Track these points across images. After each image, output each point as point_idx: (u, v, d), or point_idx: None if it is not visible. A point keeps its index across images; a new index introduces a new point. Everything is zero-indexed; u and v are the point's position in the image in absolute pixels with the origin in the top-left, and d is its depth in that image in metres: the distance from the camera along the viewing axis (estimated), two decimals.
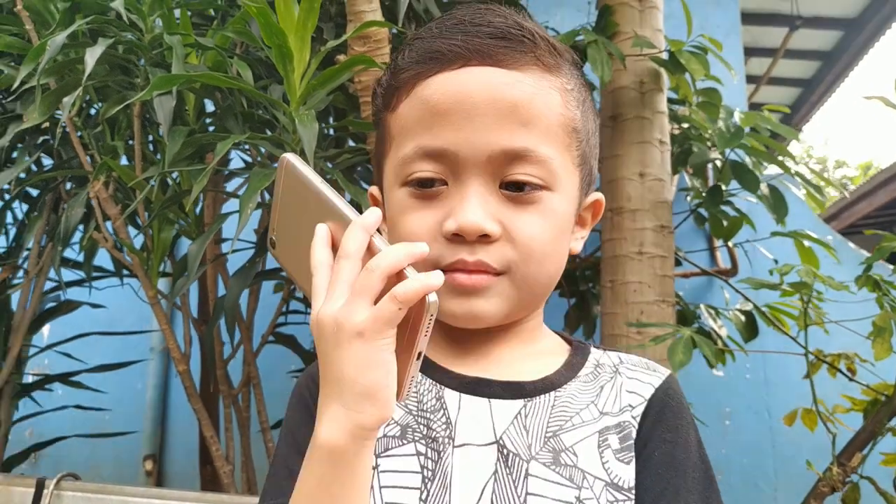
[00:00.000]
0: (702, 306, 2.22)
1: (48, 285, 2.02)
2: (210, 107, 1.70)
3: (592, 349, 0.74)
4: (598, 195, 0.76)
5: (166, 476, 3.03)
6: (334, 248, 0.57)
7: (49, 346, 2.12)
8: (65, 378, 2.09)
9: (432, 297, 0.51)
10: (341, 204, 0.57)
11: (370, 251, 0.54)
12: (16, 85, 1.31)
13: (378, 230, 0.56)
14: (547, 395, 0.67)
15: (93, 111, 1.74)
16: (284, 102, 1.36)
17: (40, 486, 1.39)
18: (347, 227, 0.55)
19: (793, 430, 1.81)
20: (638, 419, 0.67)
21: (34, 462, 2.96)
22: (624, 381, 0.70)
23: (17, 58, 1.58)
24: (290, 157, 0.61)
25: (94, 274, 1.96)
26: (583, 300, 2.35)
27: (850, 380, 1.69)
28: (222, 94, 1.55)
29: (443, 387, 0.68)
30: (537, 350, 0.73)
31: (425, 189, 0.66)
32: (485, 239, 0.63)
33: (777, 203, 2.01)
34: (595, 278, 2.27)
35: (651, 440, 0.66)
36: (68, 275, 2.03)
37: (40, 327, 2.05)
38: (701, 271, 2.61)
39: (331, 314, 0.53)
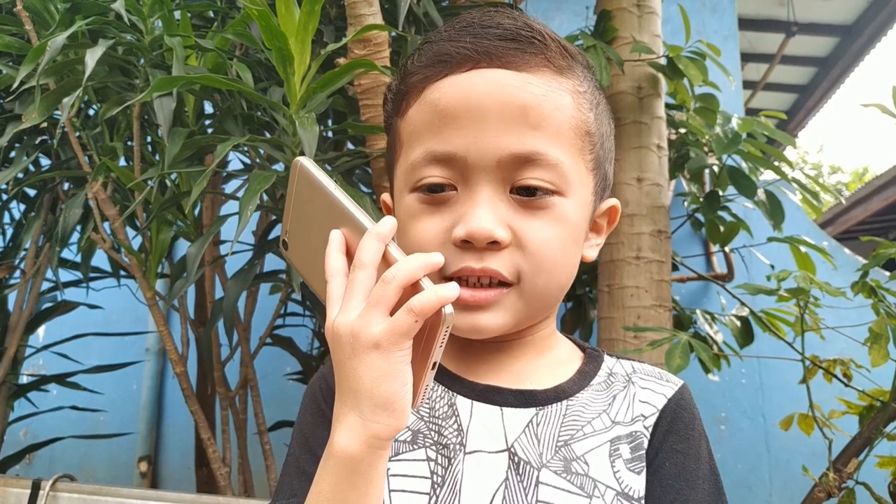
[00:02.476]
0: (698, 311, 2.23)
1: (45, 286, 2.01)
2: (210, 108, 1.70)
3: (606, 357, 0.74)
4: (614, 201, 0.74)
5: (161, 478, 3.02)
6: (348, 254, 0.57)
7: (45, 347, 2.12)
8: (60, 379, 2.09)
9: (448, 310, 0.52)
10: (356, 210, 0.57)
11: (385, 261, 0.54)
12: (15, 85, 1.31)
13: (393, 238, 0.56)
14: (559, 403, 0.67)
15: (92, 112, 1.74)
16: (284, 105, 1.36)
17: (36, 488, 1.38)
18: (362, 234, 0.55)
19: (788, 435, 1.82)
20: (650, 429, 0.67)
21: (28, 463, 2.95)
22: (637, 391, 0.69)
23: (17, 58, 1.58)
24: (304, 161, 0.61)
25: (92, 275, 1.96)
26: (580, 304, 2.35)
27: (846, 385, 1.69)
28: (222, 95, 1.55)
29: (455, 394, 0.68)
30: (550, 359, 0.72)
31: (434, 194, 0.65)
32: (494, 246, 0.62)
33: (774, 209, 2.02)
34: (592, 282, 2.27)
35: (662, 450, 0.66)
36: (65, 275, 2.03)
37: (37, 328, 2.05)
38: (697, 276, 2.61)
39: (347, 324, 0.53)
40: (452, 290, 0.52)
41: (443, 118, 0.64)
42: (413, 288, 0.52)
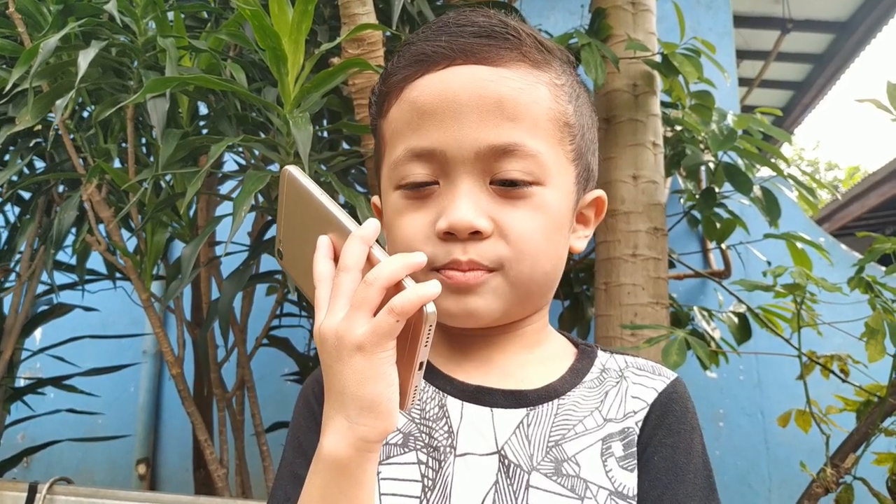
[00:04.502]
0: (695, 308, 2.23)
1: (41, 288, 2.01)
2: (204, 109, 1.69)
3: (599, 353, 0.73)
4: (600, 192, 0.75)
5: (159, 480, 3.02)
6: (337, 258, 0.57)
7: (41, 350, 2.11)
8: (57, 381, 2.08)
9: (430, 308, 0.52)
10: (341, 215, 0.58)
11: (370, 262, 0.55)
12: (8, 87, 1.31)
13: (378, 240, 0.56)
14: (550, 403, 0.67)
15: (86, 114, 1.73)
16: (278, 105, 1.36)
17: (33, 491, 1.38)
18: (347, 238, 0.55)
19: (786, 431, 1.82)
20: (640, 424, 0.66)
21: (26, 466, 2.95)
22: (629, 386, 0.69)
23: (10, 60, 1.57)
24: (292, 170, 0.62)
25: (87, 277, 1.95)
26: (577, 302, 2.35)
27: (843, 381, 1.69)
28: (216, 96, 1.55)
29: (445, 395, 0.68)
30: (541, 355, 0.72)
31: (417, 190, 0.66)
32: (476, 236, 0.63)
33: (770, 205, 2.02)
34: (589, 280, 2.27)
35: (651, 444, 0.65)
36: (61, 278, 2.02)
37: (33, 330, 2.04)
38: (694, 273, 2.61)
39: (332, 327, 0.53)
40: (433, 287, 0.52)
41: (421, 115, 0.65)
42: (396, 288, 0.52)
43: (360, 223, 0.57)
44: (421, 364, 0.53)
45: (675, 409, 0.68)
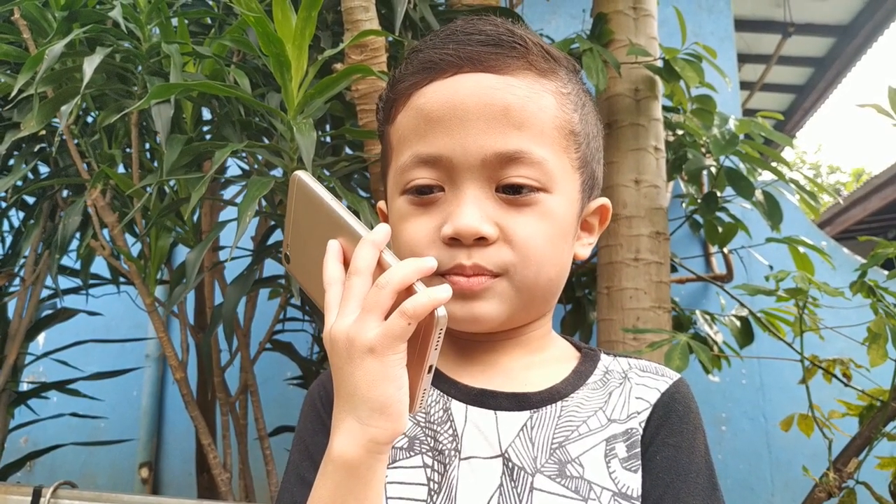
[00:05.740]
0: (697, 312, 2.23)
1: (45, 293, 2.01)
2: (207, 115, 1.70)
3: (602, 356, 0.74)
4: (604, 200, 0.76)
5: (162, 484, 3.02)
6: (346, 263, 0.58)
7: (45, 354, 2.12)
8: (60, 386, 2.09)
9: (441, 312, 0.52)
10: (352, 220, 0.58)
11: (380, 266, 0.55)
12: (13, 93, 1.31)
13: (388, 245, 0.56)
14: (553, 405, 0.67)
15: (90, 119, 1.74)
16: (282, 111, 1.36)
17: (37, 495, 1.38)
18: (358, 242, 0.56)
19: (789, 435, 1.82)
20: (643, 424, 0.67)
21: (29, 470, 2.95)
22: (633, 387, 0.70)
23: (15, 66, 1.58)
24: (302, 175, 0.62)
25: (91, 282, 1.96)
26: (579, 306, 2.35)
27: (846, 385, 1.69)
28: (220, 102, 1.56)
29: (450, 398, 0.68)
30: (545, 359, 0.73)
31: (423, 196, 0.67)
32: (482, 242, 0.64)
33: (772, 209, 2.02)
34: (591, 284, 2.28)
35: (653, 444, 0.66)
36: (65, 282, 2.03)
37: (37, 335, 2.05)
38: (696, 277, 2.61)
39: (343, 330, 0.54)
40: (445, 291, 0.53)
41: (428, 122, 0.66)
42: (407, 292, 0.53)
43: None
44: (430, 367, 0.54)
45: (677, 408, 0.68)
